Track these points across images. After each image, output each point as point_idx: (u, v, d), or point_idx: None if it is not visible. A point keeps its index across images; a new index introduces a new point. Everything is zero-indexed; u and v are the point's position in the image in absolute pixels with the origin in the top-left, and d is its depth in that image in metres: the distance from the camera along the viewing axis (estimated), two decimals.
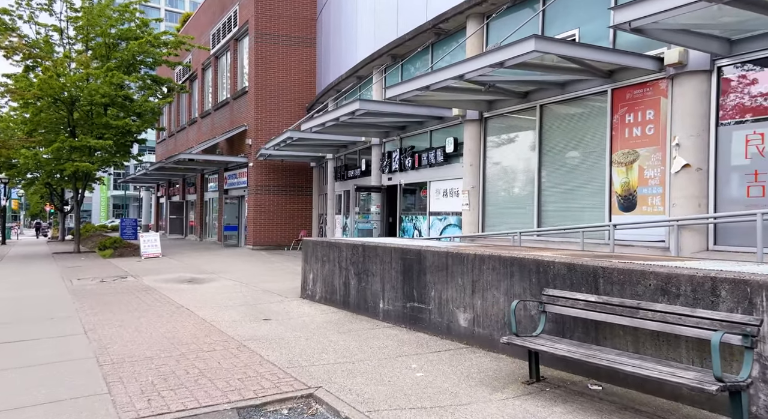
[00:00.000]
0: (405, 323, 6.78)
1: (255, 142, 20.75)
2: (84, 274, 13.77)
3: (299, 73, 21.26)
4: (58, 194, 32.92)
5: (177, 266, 15.62)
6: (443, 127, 11.80)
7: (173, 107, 32.46)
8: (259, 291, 10.40)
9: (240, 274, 13.38)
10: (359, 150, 16.38)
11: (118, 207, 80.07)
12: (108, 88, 18.59)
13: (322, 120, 12.32)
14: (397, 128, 13.28)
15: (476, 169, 10.43)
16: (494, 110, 10.07)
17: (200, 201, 28.19)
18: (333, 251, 8.51)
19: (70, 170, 18.67)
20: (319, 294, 8.92)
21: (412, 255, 6.70)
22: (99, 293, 10.23)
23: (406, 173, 13.12)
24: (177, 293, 10.14)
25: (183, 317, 7.81)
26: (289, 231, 21.23)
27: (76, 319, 7.78)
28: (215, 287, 11.15)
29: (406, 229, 13.23)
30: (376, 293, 7.36)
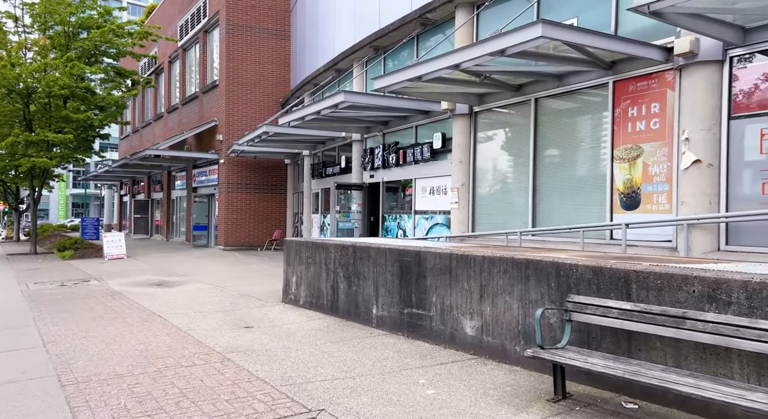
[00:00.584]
0: (402, 330, 6.28)
1: (226, 138, 19.88)
2: (42, 277, 12.76)
3: (273, 67, 20.48)
4: (12, 192, 31.07)
5: (144, 268, 14.72)
6: (430, 122, 11.35)
7: (138, 102, 31.08)
8: (236, 296, 9.73)
9: (213, 276, 12.63)
10: (338, 146, 15.80)
11: (77, 206, 76.87)
12: (68, 80, 17.43)
13: (301, 114, 11.69)
14: (380, 123, 12.77)
15: (466, 166, 10.01)
16: (485, 103, 9.67)
17: (167, 200, 27.03)
18: (319, 253, 7.94)
19: (26, 166, 17.44)
20: (303, 299, 8.34)
21: (410, 257, 6.20)
22: (59, 299, 9.37)
23: (390, 170, 12.63)
24: (146, 298, 9.38)
25: (155, 325, 7.11)
26: (263, 231, 20.46)
27: (33, 329, 6.98)
28: (188, 291, 10.41)
29: (389, 228, 12.74)
30: (369, 298, 6.83)
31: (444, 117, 10.76)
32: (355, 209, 13.91)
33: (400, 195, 12.57)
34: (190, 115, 23.41)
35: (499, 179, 9.59)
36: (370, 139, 13.76)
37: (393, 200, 12.88)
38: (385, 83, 8.51)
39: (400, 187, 12.60)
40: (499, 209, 9.56)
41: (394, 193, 12.83)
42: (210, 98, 21.40)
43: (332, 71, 15.19)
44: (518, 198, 9.09)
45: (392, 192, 12.96)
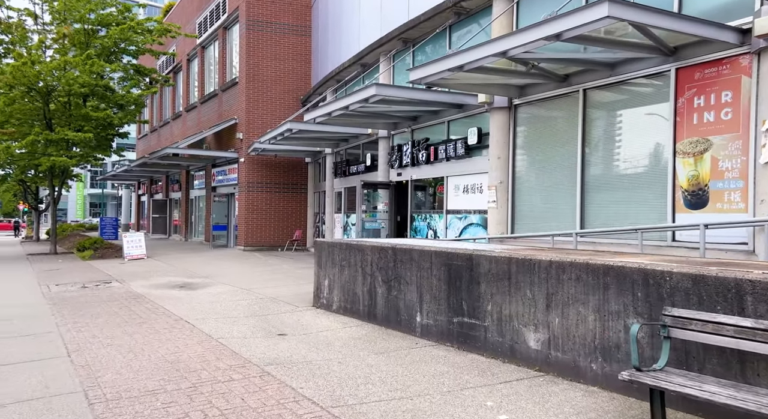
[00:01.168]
0: (451, 341, 5.76)
1: (246, 136, 19.52)
2: (63, 278, 12.47)
3: (293, 64, 20.07)
4: (32, 192, 31.14)
5: (165, 269, 14.39)
6: (463, 116, 10.80)
7: (156, 101, 30.93)
8: (264, 299, 9.29)
9: (236, 278, 12.23)
10: (363, 144, 15.31)
11: (95, 206, 77.48)
12: (87, 78, 17.18)
13: (328, 109, 11.22)
14: (409, 118, 12.25)
15: (504, 162, 9.45)
16: (526, 96, 9.10)
17: (185, 199, 26.80)
18: (354, 255, 7.45)
19: (46, 165, 17.23)
20: (336, 304, 7.86)
21: (460, 261, 5.68)
22: (82, 303, 9.01)
23: (419, 168, 12.11)
24: (171, 302, 8.97)
25: (184, 332, 6.68)
26: (283, 231, 20.07)
27: (56, 336, 6.59)
28: (213, 293, 10.00)
29: (418, 229, 12.22)
30: (412, 304, 6.33)
31: (479, 111, 10.21)
32: (381, 208, 13.41)
33: (430, 194, 12.04)
34: (209, 113, 23.10)
35: (542, 177, 9.02)
36: (398, 135, 13.25)
37: (422, 199, 12.36)
38: (422, 74, 8.00)
39: (430, 185, 12.08)
40: (541, 208, 9.00)
41: (424, 191, 12.31)
42: (229, 96, 21.06)
43: (357, 66, 14.71)
44: (564, 197, 8.52)
45: (421, 191, 12.44)
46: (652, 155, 7.29)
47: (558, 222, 8.56)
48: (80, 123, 18.01)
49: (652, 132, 7.29)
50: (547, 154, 8.91)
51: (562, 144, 8.61)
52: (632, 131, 7.60)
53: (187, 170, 26.50)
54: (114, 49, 19.15)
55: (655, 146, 7.25)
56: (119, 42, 18.89)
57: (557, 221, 8.58)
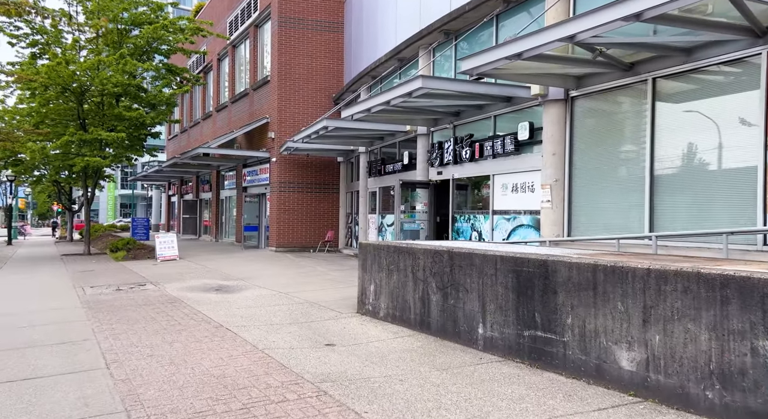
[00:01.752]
0: (521, 357, 5.18)
1: (278, 135, 19.21)
2: (97, 280, 12.28)
3: (325, 61, 19.68)
4: (66, 193, 31.57)
5: (198, 270, 14.12)
6: (512, 110, 10.18)
7: (186, 101, 31.01)
8: (304, 304, 8.84)
9: (272, 280, 11.84)
10: (399, 142, 14.79)
11: (125, 207, 78.89)
12: (120, 77, 17.10)
13: (367, 105, 10.73)
14: (451, 114, 11.68)
15: (560, 159, 8.80)
16: (585, 86, 8.44)
17: (216, 200, 26.72)
18: (404, 259, 6.92)
19: (80, 165, 17.20)
20: (384, 311, 7.34)
21: (531, 267, 5.10)
22: (118, 307, 8.71)
23: (462, 166, 11.52)
24: (209, 307, 8.59)
25: (227, 342, 6.25)
26: (315, 232, 19.69)
27: (94, 344, 6.24)
28: (250, 297, 9.61)
29: (461, 230, 11.63)
30: (472, 314, 5.76)
31: (531, 104, 9.58)
32: (420, 208, 12.86)
33: (475, 193, 11.44)
34: (240, 113, 22.92)
35: (604, 175, 8.35)
36: (438, 132, 12.69)
37: (465, 198, 11.77)
38: (476, 63, 7.42)
39: (474, 184, 11.48)
40: (602, 209, 8.32)
41: (467, 191, 11.72)
42: (261, 95, 20.80)
43: (394, 61, 14.19)
44: (629, 196, 7.83)
45: (464, 190, 11.85)
46: (737, 150, 6.57)
47: (622, 224, 7.88)
48: (113, 123, 17.95)
49: (735, 125, 6.57)
50: (610, 150, 8.23)
51: (626, 139, 7.92)
52: (711, 124, 6.89)
53: (217, 171, 26.41)
54: (146, 49, 19.07)
55: (741, 140, 6.53)
56: (152, 41, 18.79)
57: (621, 222, 7.90)
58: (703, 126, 6.98)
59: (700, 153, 7.03)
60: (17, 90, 19.39)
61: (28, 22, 17.55)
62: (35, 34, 18.28)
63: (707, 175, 6.92)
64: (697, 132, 7.06)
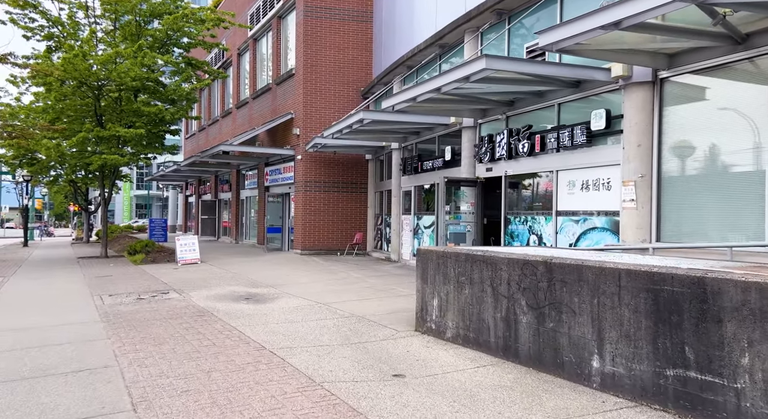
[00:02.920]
0: (662, 402, 4.03)
1: (303, 132, 18.18)
2: (116, 287, 11.32)
3: (353, 53, 18.60)
4: (82, 193, 30.93)
5: (223, 275, 13.11)
6: (580, 97, 8.99)
7: (204, 99, 30.16)
8: (350, 318, 7.75)
9: (305, 288, 10.78)
10: (439, 136, 13.65)
11: (140, 207, 78.76)
12: (139, 71, 16.18)
13: (413, 93, 9.60)
14: (504, 103, 10.51)
15: (647, 151, 7.60)
16: (680, 65, 7.23)
17: (236, 200, 25.81)
18: (480, 269, 5.79)
19: (97, 163, 16.32)
20: (452, 330, 6.22)
21: (678, 286, 3.94)
22: (141, 321, 7.69)
23: (517, 161, 10.35)
24: (243, 321, 7.54)
25: (274, 371, 5.17)
26: (342, 234, 18.63)
27: (116, 372, 5.20)
28: (286, 309, 8.55)
29: (515, 233, 10.45)
30: (582, 342, 4.62)
31: (606, 89, 8.39)
32: (465, 209, 11.72)
33: (532, 192, 10.27)
34: (262, 109, 21.94)
35: (704, 170, 7.14)
36: (487, 124, 11.52)
37: (520, 198, 10.59)
38: (558, 36, 6.28)
39: (531, 182, 10.30)
40: (702, 209, 7.11)
41: (521, 189, 10.54)
42: (284, 90, 19.79)
43: (435, 48, 13.04)
44: (741, 195, 6.62)
45: (518, 188, 10.68)
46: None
47: (728, 229, 6.67)
48: (131, 119, 17.06)
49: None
50: (714, 140, 7.02)
51: (737, 128, 6.71)
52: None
53: (237, 170, 25.50)
54: (166, 41, 18.16)
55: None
56: (171, 33, 17.88)
57: (727, 227, 6.69)
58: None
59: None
60: (32, 86, 18.61)
61: (44, 13, 16.72)
62: (51, 26, 17.47)
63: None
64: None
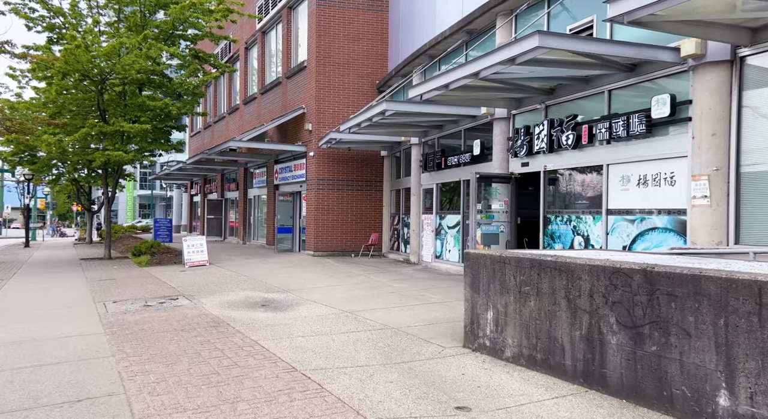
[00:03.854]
0: None
1: (316, 127, 17.30)
2: (121, 292, 10.47)
3: (368, 44, 17.71)
4: (85, 193, 30.11)
5: (234, 278, 12.25)
6: (635, 82, 8.09)
7: (210, 95, 29.31)
8: (384, 330, 6.87)
9: (326, 294, 9.91)
10: (465, 130, 12.75)
11: (144, 207, 78.06)
12: (144, 63, 15.33)
13: (446, 80, 8.71)
14: (543, 91, 9.61)
15: (723, 141, 6.70)
16: (764, 41, 6.31)
17: (243, 199, 24.95)
18: (550, 278, 4.90)
19: (101, 160, 15.47)
20: (512, 349, 5.33)
21: None
22: (149, 333, 6.83)
23: (559, 155, 9.45)
24: (265, 334, 6.66)
25: (313, 402, 4.29)
26: (356, 234, 17.75)
27: (122, 403, 4.34)
28: (309, 318, 7.67)
29: (557, 234, 9.55)
30: (703, 372, 3.72)
31: (670, 72, 7.48)
32: (497, 207, 10.81)
33: (577, 188, 9.36)
34: (271, 104, 21.07)
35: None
36: (521, 115, 10.62)
37: (562, 195, 9.68)
38: (636, 4, 5.39)
39: (575, 177, 9.39)
40: None
41: (565, 186, 9.63)
42: (295, 83, 18.91)
43: (462, 34, 12.14)
44: None
45: (560, 185, 9.77)
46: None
47: None
48: (136, 114, 16.20)
49: None
50: None
51: None
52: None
53: (245, 168, 24.64)
54: (171, 33, 17.31)
55: None
56: (177, 24, 17.02)
57: None
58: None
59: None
60: (33, 81, 17.79)
61: (44, 2, 15.88)
62: (52, 17, 16.63)
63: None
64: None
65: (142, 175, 72.12)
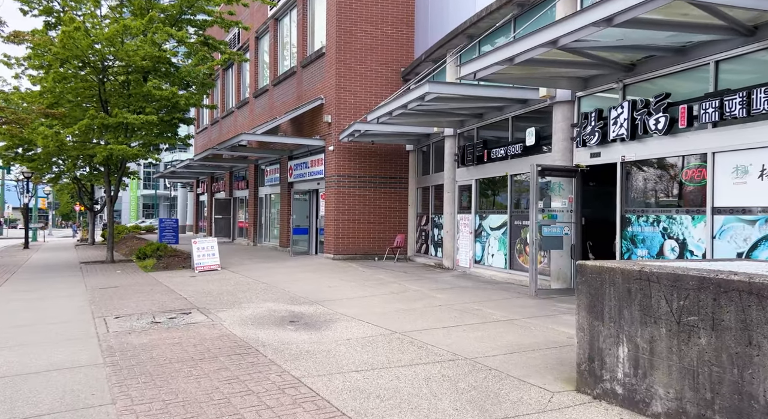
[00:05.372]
0: None
1: (336, 119, 15.85)
2: (124, 304, 9.03)
3: (392, 28, 16.25)
4: (87, 192, 28.75)
5: (251, 287, 10.80)
6: (756, 49, 6.57)
7: (218, 89, 27.86)
8: (457, 362, 5.40)
9: (362, 307, 8.46)
10: (512, 117, 11.26)
11: (147, 207, 76.87)
12: (149, 49, 13.90)
13: (509, 52, 7.24)
14: (620, 68, 8.12)
15: None
16: None
17: (253, 198, 23.51)
18: (737, 306, 3.43)
19: (102, 155, 14.05)
20: (664, 402, 3.85)
21: None
22: (160, 365, 5.38)
23: (643, 143, 7.96)
24: (306, 366, 5.20)
25: None
26: (380, 235, 16.29)
27: None
28: (353, 341, 6.22)
29: (640, 237, 8.05)
30: None
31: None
32: (560, 206, 9.33)
33: (668, 182, 7.86)
34: (285, 96, 19.62)
35: None
36: (588, 98, 9.13)
37: (647, 191, 8.18)
38: None
39: (666, 168, 7.89)
40: None
41: (651, 179, 8.14)
42: (312, 72, 17.45)
43: (512, 7, 10.62)
44: None
45: (643, 179, 8.28)
46: None
47: None
48: (141, 104, 14.78)
49: None
50: None
51: None
52: None
53: (255, 165, 23.20)
54: (179, 17, 15.89)
55: None
56: (185, 8, 15.61)
57: None
58: None
59: None
60: (29, 69, 16.37)
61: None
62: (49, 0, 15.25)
63: None
64: None
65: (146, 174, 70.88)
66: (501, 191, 11.71)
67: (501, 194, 11.69)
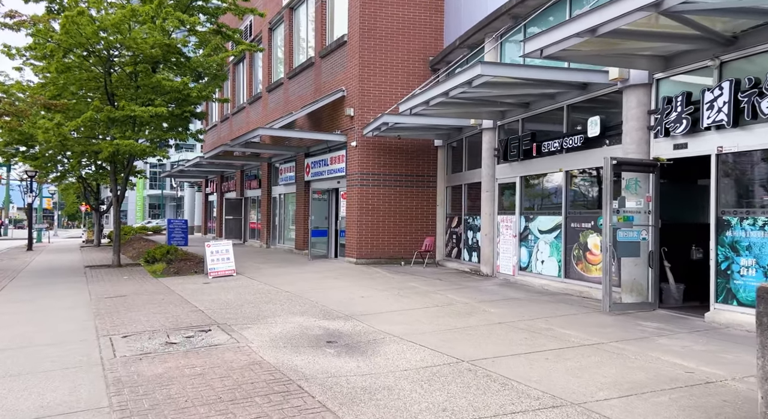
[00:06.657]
0: None
1: (359, 112, 14.65)
2: (133, 318, 7.85)
3: (419, 12, 15.04)
4: (93, 192, 27.69)
5: (273, 296, 9.60)
6: None
7: (228, 84, 26.69)
8: (564, 408, 4.18)
9: (408, 323, 7.24)
10: (568, 106, 10.00)
11: (153, 207, 75.95)
12: (159, 37, 12.75)
13: (592, 22, 6.00)
14: (717, 43, 6.86)
15: None
16: None
17: (266, 198, 22.33)
18: None
19: (108, 150, 12.90)
20: None
21: None
22: (181, 410, 4.20)
23: (747, 130, 6.70)
24: (368, 412, 3.99)
25: None
26: (406, 238, 15.06)
27: None
28: (414, 372, 5.01)
29: (744, 244, 6.76)
30: None
31: None
32: (635, 206, 8.06)
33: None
34: (301, 89, 18.42)
35: None
36: (669, 80, 7.87)
37: (754, 188, 6.90)
38: None
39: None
40: None
41: (761, 174, 6.86)
42: (332, 63, 16.24)
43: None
44: None
45: (747, 173, 7.00)
46: None
47: None
48: (149, 96, 13.64)
49: None
50: None
51: None
52: None
53: (269, 163, 22.01)
54: (190, 4, 14.74)
55: None
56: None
57: None
58: None
59: None
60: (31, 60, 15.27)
61: None
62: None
63: None
64: None
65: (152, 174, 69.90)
66: (553, 190, 10.45)
67: (553, 193, 10.44)
